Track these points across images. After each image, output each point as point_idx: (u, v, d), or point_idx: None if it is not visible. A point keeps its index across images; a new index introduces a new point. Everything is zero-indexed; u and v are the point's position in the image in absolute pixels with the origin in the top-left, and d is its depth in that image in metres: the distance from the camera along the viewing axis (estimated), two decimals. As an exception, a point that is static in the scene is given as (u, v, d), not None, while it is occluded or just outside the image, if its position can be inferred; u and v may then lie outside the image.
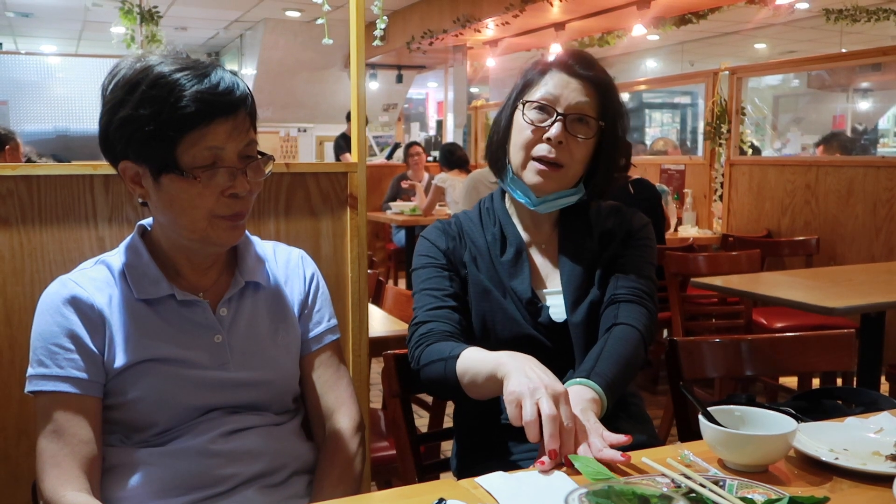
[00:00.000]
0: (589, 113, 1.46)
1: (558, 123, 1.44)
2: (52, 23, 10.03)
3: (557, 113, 1.44)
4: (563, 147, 1.45)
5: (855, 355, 1.95)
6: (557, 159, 1.45)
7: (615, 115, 1.49)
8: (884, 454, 1.14)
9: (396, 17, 8.94)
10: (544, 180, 1.46)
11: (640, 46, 10.96)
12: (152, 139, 1.16)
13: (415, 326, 1.47)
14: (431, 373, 1.38)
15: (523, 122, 1.47)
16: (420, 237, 1.58)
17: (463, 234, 1.56)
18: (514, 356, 1.23)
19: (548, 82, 1.47)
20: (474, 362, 1.29)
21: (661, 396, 4.01)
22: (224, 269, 1.35)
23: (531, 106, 1.46)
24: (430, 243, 1.55)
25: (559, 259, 1.53)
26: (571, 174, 1.48)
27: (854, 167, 4.29)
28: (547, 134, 1.44)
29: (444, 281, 1.50)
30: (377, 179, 7.26)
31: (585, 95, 1.46)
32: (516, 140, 1.49)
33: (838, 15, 7.16)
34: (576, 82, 1.46)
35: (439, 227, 1.58)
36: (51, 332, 1.22)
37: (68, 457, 1.18)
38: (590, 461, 1.09)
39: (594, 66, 1.49)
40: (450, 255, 1.53)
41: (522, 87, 1.51)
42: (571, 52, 1.51)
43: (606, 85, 1.49)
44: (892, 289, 2.78)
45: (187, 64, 1.19)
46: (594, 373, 1.32)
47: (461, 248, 1.54)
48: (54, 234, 1.63)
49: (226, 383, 1.27)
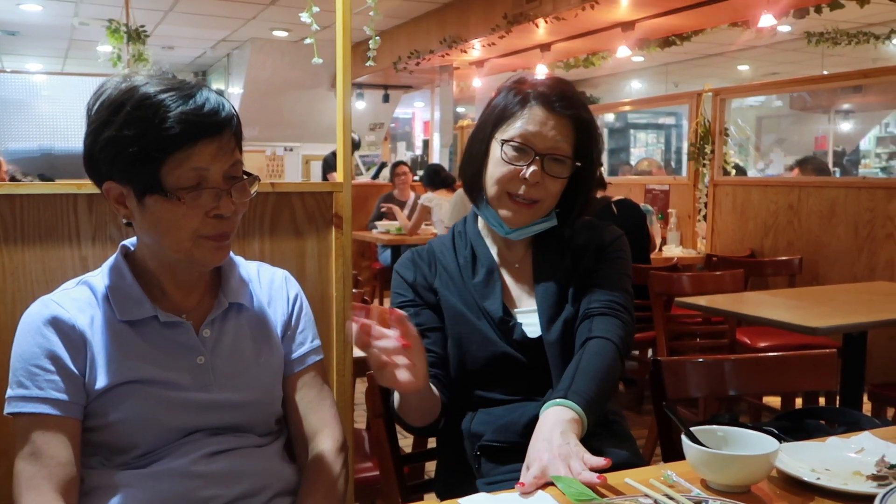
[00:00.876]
0: (566, 153, 1.47)
1: (535, 164, 1.44)
2: (38, 41, 10.02)
3: (535, 153, 1.44)
4: (538, 185, 1.45)
5: (837, 375, 1.96)
6: (533, 197, 1.46)
7: (592, 152, 1.50)
8: (865, 474, 1.14)
9: (384, 38, 8.95)
10: (519, 216, 1.49)
11: (624, 67, 11.07)
12: (137, 160, 1.16)
13: None
14: (396, 415, 1.49)
15: (500, 158, 1.47)
16: (394, 270, 1.60)
17: (435, 261, 1.57)
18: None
19: (526, 117, 1.46)
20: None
21: (646, 416, 4.02)
22: (207, 291, 1.35)
23: (509, 145, 1.46)
24: (400, 277, 1.58)
25: (533, 277, 1.54)
26: (545, 207, 1.50)
27: (836, 188, 4.34)
28: (524, 173, 1.45)
29: (413, 319, 1.51)
30: (363, 199, 7.26)
31: (564, 135, 1.46)
32: (492, 173, 1.49)
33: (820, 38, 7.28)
34: (554, 120, 1.45)
35: (409, 256, 1.60)
36: (31, 352, 1.21)
37: (46, 479, 1.16)
38: (572, 482, 1.10)
39: (575, 103, 1.48)
40: (416, 286, 1.55)
41: (500, 115, 1.49)
42: (553, 84, 1.49)
43: (585, 123, 1.49)
44: (874, 308, 2.81)
45: (173, 84, 1.19)
46: (572, 391, 1.31)
47: (432, 275, 1.55)
48: (37, 254, 1.62)
49: (208, 405, 1.27)
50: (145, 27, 6.83)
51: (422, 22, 8.45)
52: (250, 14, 8.60)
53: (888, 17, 7.45)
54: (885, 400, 3.01)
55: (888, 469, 1.13)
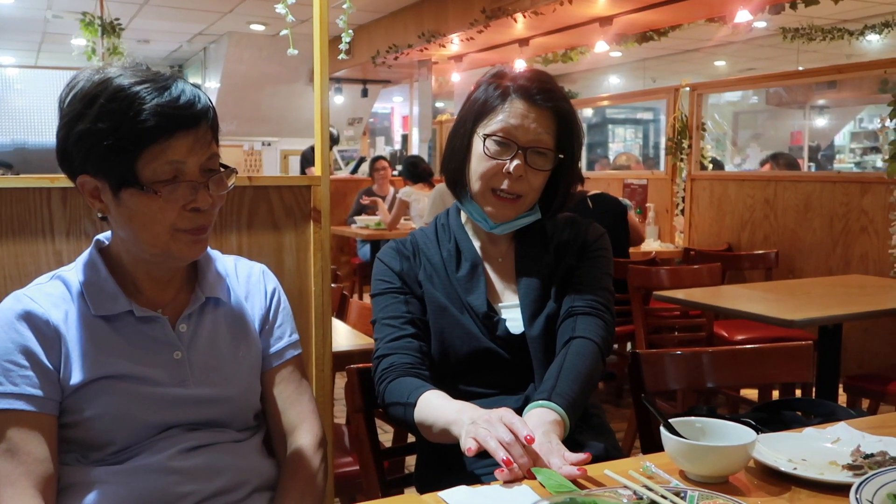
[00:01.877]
0: (548, 146, 1.47)
1: (518, 158, 1.44)
2: (10, 34, 9.87)
3: (518, 147, 1.44)
4: (522, 179, 1.45)
5: (813, 367, 1.98)
6: (516, 191, 1.46)
7: (574, 143, 1.51)
8: (840, 464, 1.16)
9: (361, 32, 8.96)
10: (503, 210, 1.49)
11: (602, 63, 11.11)
12: (111, 153, 1.15)
13: (377, 360, 1.48)
14: (394, 413, 1.44)
15: (483, 153, 1.46)
16: (376, 258, 1.59)
17: (419, 253, 1.56)
18: (461, 411, 1.28)
19: (507, 110, 1.45)
20: (429, 415, 1.34)
21: (626, 409, 4.04)
22: (184, 285, 1.33)
23: (491, 139, 1.46)
24: (385, 266, 1.56)
25: (516, 272, 1.54)
26: (529, 201, 1.50)
27: (811, 182, 4.38)
28: (507, 167, 1.45)
29: (401, 306, 1.51)
30: (342, 194, 7.23)
31: (545, 128, 1.46)
32: (475, 168, 1.49)
33: (795, 34, 7.34)
34: (535, 113, 1.45)
35: (393, 246, 1.58)
36: (5, 348, 1.19)
37: (23, 476, 1.15)
38: (553, 474, 1.10)
39: (555, 95, 1.48)
40: (404, 276, 1.54)
41: (481, 110, 1.49)
42: (532, 76, 1.49)
43: (566, 115, 1.49)
44: (848, 301, 2.84)
45: (147, 76, 1.17)
46: (555, 393, 1.33)
47: (416, 266, 1.55)
48: (10, 249, 1.59)
49: (185, 400, 1.25)
50: (120, 20, 6.74)
51: (399, 16, 8.42)
52: (227, 7, 8.53)
53: (862, 13, 7.54)
54: (860, 391, 3.05)
55: (863, 459, 1.15)
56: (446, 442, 1.31)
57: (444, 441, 1.32)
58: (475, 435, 1.17)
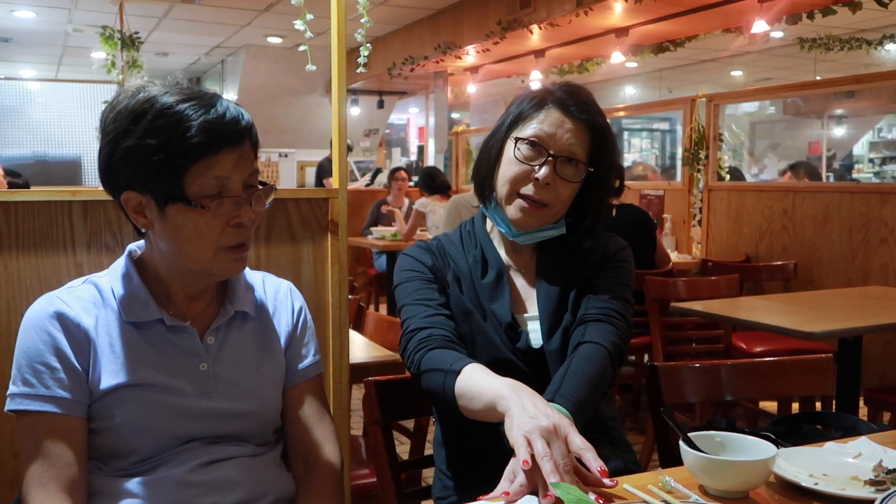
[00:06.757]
0: (579, 156, 1.46)
1: (548, 165, 1.44)
2: (31, 48, 10.00)
3: (548, 154, 1.44)
4: (549, 188, 1.45)
5: (833, 379, 1.96)
6: (543, 199, 1.45)
7: (607, 160, 1.49)
8: (862, 479, 1.14)
9: (378, 44, 9.00)
10: (527, 217, 1.47)
11: (618, 73, 11.09)
12: (160, 169, 1.16)
13: (411, 333, 1.43)
14: (430, 382, 1.36)
15: (513, 156, 1.46)
16: (401, 255, 1.57)
17: (445, 255, 1.56)
18: (514, 389, 1.21)
19: (542, 118, 1.46)
20: (474, 385, 1.27)
21: (643, 422, 4.01)
22: (213, 298, 1.34)
23: (523, 143, 1.46)
24: (415, 259, 1.54)
25: (536, 284, 1.53)
26: (555, 212, 1.49)
27: (830, 193, 4.35)
28: (535, 174, 1.44)
29: (434, 293, 1.49)
30: (358, 205, 7.26)
31: (578, 138, 1.45)
32: (504, 172, 1.48)
33: (812, 43, 7.30)
34: (570, 123, 1.45)
35: (422, 245, 1.58)
36: (36, 349, 1.20)
37: (53, 479, 1.16)
38: (571, 488, 1.09)
39: (591, 109, 1.47)
40: (435, 271, 1.53)
41: (516, 118, 1.49)
42: (570, 89, 1.49)
43: (601, 129, 1.48)
44: (868, 313, 2.81)
45: (191, 94, 1.19)
46: (559, 395, 1.30)
47: (444, 267, 1.54)
48: (31, 261, 1.61)
49: (208, 413, 1.26)
50: (139, 34, 6.82)
51: (416, 28, 8.46)
52: (244, 21, 8.60)
53: (880, 22, 7.49)
54: (881, 404, 3.02)
55: (886, 474, 1.13)
56: (483, 419, 1.25)
57: (481, 418, 1.25)
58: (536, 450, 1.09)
